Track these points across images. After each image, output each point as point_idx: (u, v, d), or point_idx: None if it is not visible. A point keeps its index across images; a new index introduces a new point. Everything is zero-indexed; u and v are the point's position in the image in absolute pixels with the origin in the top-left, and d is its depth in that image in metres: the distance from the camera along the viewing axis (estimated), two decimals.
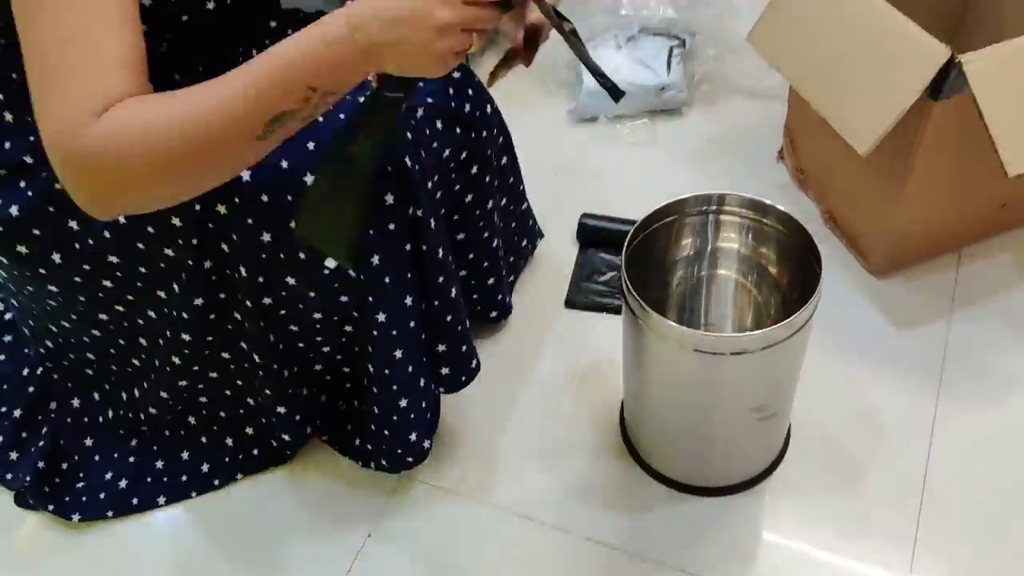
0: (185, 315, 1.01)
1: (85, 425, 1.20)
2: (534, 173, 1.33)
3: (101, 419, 1.21)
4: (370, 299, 0.96)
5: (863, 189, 1.29)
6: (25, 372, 1.24)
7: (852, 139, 1.09)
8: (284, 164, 0.88)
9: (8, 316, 1.31)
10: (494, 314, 1.28)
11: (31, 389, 1.22)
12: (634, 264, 0.97)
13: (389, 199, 0.92)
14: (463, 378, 1.10)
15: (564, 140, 1.61)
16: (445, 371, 1.08)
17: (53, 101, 0.71)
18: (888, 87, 1.06)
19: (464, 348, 1.07)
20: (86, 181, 0.72)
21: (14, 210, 0.95)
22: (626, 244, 0.98)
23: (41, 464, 1.16)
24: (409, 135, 0.94)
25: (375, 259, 0.93)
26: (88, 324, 1.08)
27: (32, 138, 0.92)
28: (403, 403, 1.05)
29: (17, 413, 1.21)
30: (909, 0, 1.14)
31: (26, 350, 1.26)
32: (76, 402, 1.21)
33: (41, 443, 1.18)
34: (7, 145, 0.94)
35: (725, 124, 1.60)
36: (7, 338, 1.30)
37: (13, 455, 1.19)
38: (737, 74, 1.62)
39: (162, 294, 1.01)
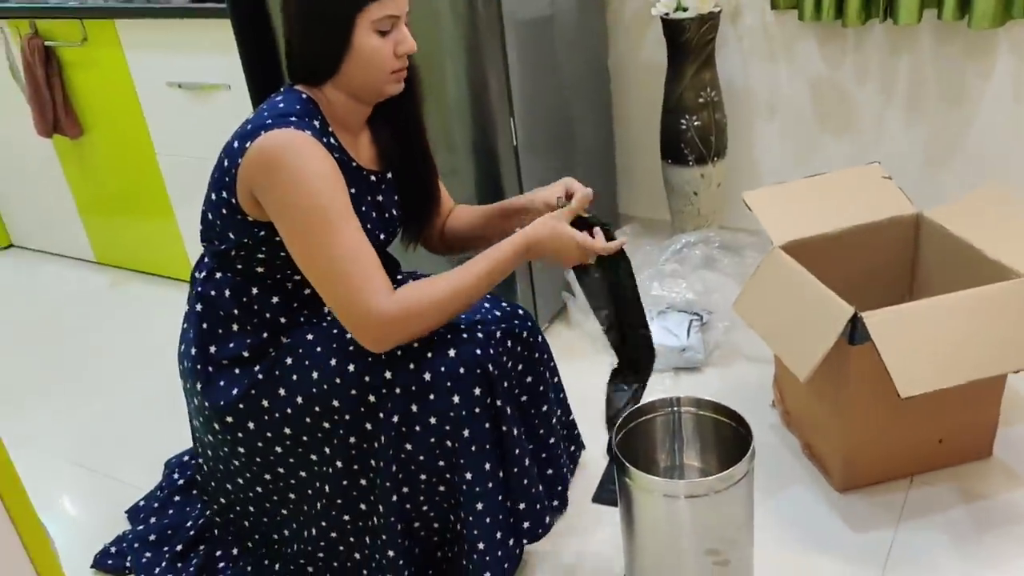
0: (329, 469, 1.43)
1: (231, 568, 1.58)
2: (582, 408, 1.76)
3: (246, 565, 1.58)
4: (461, 461, 1.36)
5: (820, 421, 1.67)
6: (188, 523, 1.67)
7: (796, 372, 1.50)
8: (412, 366, 1.35)
9: (180, 481, 1.76)
10: (556, 503, 1.63)
11: (191, 533, 1.64)
12: (625, 447, 1.37)
13: (477, 391, 1.36)
14: (539, 530, 1.46)
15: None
16: (526, 525, 1.44)
17: (362, 290, 1.27)
18: (817, 334, 1.49)
19: (538, 507, 1.45)
20: (388, 335, 1.29)
21: (234, 391, 1.42)
22: (614, 433, 1.39)
23: None
24: (491, 351, 1.40)
25: (465, 432, 1.35)
26: (255, 482, 1.50)
27: (249, 340, 1.42)
28: (481, 546, 1.40)
29: (178, 548, 1.62)
30: (868, 260, 1.60)
31: (188, 508, 1.69)
32: (233, 550, 1.59)
33: (192, 569, 1.58)
34: (231, 345, 1.44)
35: (733, 380, 2.02)
36: (177, 498, 1.74)
37: None
38: (743, 343, 2.07)
39: (314, 457, 1.43)
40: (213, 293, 1.43)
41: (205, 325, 1.44)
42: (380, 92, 1.38)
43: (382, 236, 1.47)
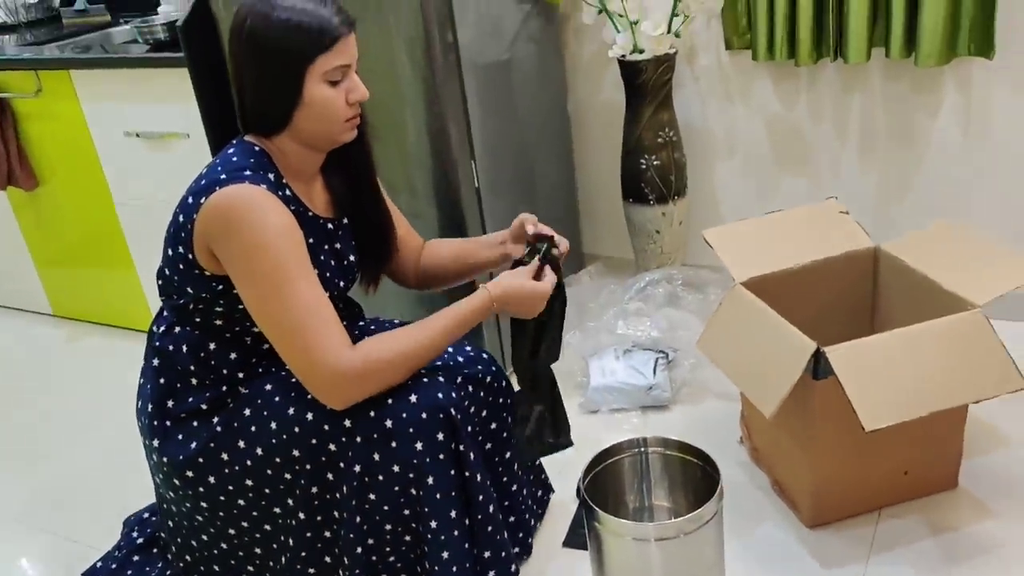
0: (292, 522, 1.40)
1: None
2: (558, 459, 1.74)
3: None
4: (425, 509, 1.34)
5: (788, 456, 1.67)
6: None
7: (762, 408, 1.50)
8: (372, 413, 1.32)
9: (139, 540, 1.71)
10: (516, 550, 1.60)
11: None
12: (593, 490, 1.36)
13: (440, 436, 1.34)
14: None
15: (575, 425, 2.03)
16: (492, 573, 1.41)
17: (321, 347, 1.25)
18: (781, 370, 1.49)
19: (504, 554, 1.42)
20: (348, 391, 1.27)
21: (193, 445, 1.39)
22: (582, 476, 1.37)
23: None
24: (453, 395, 1.38)
25: (430, 480, 1.33)
26: (220, 538, 1.47)
27: (208, 394, 1.40)
28: None
29: None
30: (829, 294, 1.62)
31: (148, 567, 1.64)
32: None
33: None
34: (190, 400, 1.41)
35: (701, 417, 2.02)
36: (136, 558, 1.69)
37: None
38: (710, 380, 2.07)
39: (277, 510, 1.40)
40: (171, 348, 1.41)
41: (162, 380, 1.42)
42: (334, 140, 1.38)
43: (342, 283, 1.46)
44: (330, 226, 1.44)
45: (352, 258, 1.49)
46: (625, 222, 2.43)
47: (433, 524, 1.34)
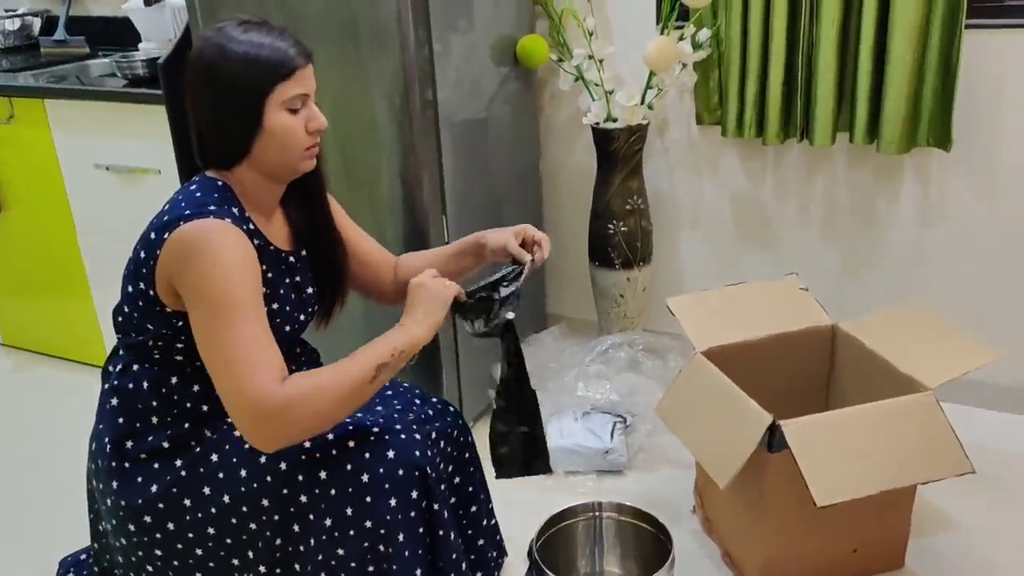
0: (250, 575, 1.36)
1: None
2: (504, 510, 1.71)
3: None
4: (393, 567, 1.30)
5: (739, 528, 1.68)
6: None
7: (716, 478, 1.51)
8: (349, 467, 1.30)
9: None
10: None
11: None
12: (545, 552, 1.35)
13: (414, 494, 1.32)
14: None
15: (530, 486, 2.02)
16: None
17: (249, 379, 1.20)
18: (737, 441, 1.51)
19: None
20: (274, 427, 1.20)
21: (153, 488, 1.35)
22: (535, 539, 1.36)
23: None
24: (428, 453, 1.36)
25: (400, 536, 1.31)
26: None
27: (170, 431, 1.36)
28: None
29: None
30: (787, 368, 1.65)
31: None
32: None
33: None
34: (150, 439, 1.37)
35: (656, 484, 2.02)
36: None
37: None
38: (666, 446, 2.08)
39: (236, 561, 1.36)
40: (131, 386, 1.38)
41: (121, 420, 1.38)
42: (295, 170, 1.37)
43: (302, 316, 1.45)
44: (291, 259, 1.44)
45: (311, 290, 1.48)
46: (590, 284, 2.46)
47: None
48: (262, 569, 1.34)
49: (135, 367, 1.38)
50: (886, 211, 2.23)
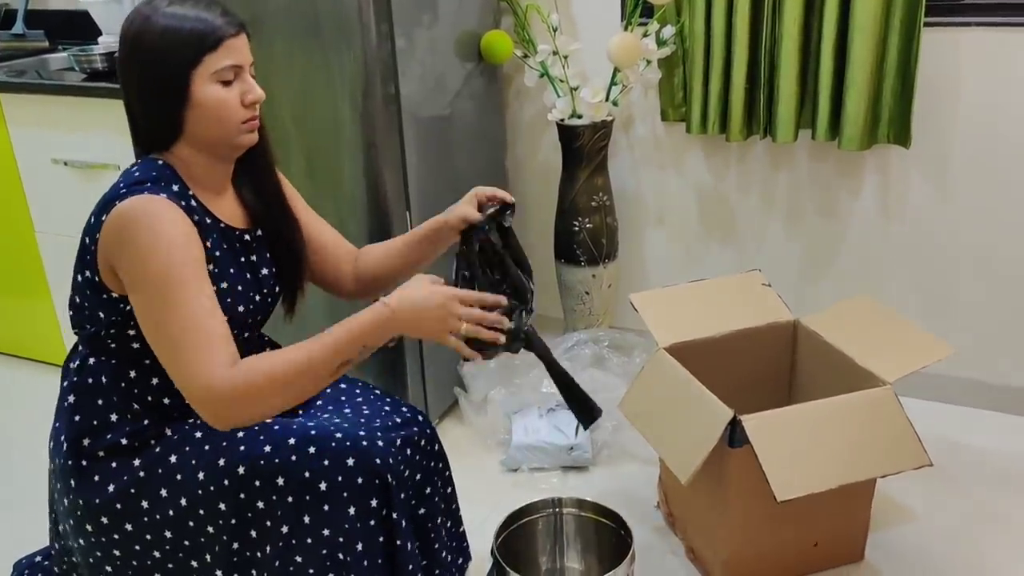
0: None
1: None
2: (468, 506, 1.71)
3: None
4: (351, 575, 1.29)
5: (702, 523, 1.69)
6: None
7: (678, 473, 1.52)
8: (307, 474, 1.27)
9: None
10: None
11: None
12: (506, 549, 1.35)
13: (373, 503, 1.30)
14: None
15: (494, 483, 2.03)
16: None
17: (198, 361, 1.18)
18: (698, 436, 1.51)
19: None
20: (228, 409, 1.19)
21: (111, 488, 1.32)
22: (496, 536, 1.36)
23: None
24: (391, 460, 1.34)
25: (359, 546, 1.29)
26: None
27: (128, 428, 1.33)
28: None
29: None
30: (749, 364, 1.66)
31: None
32: None
33: None
34: (108, 436, 1.34)
35: (620, 480, 2.03)
36: None
37: None
38: (631, 443, 2.08)
39: (194, 564, 1.34)
40: (89, 381, 1.35)
41: (78, 417, 1.35)
42: (234, 145, 1.34)
43: (256, 297, 1.41)
44: (246, 237, 1.40)
45: (266, 271, 1.44)
46: (556, 281, 2.46)
47: None
48: (219, 573, 1.32)
49: (92, 360, 1.36)
50: (847, 206, 2.25)
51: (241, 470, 1.28)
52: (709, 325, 1.81)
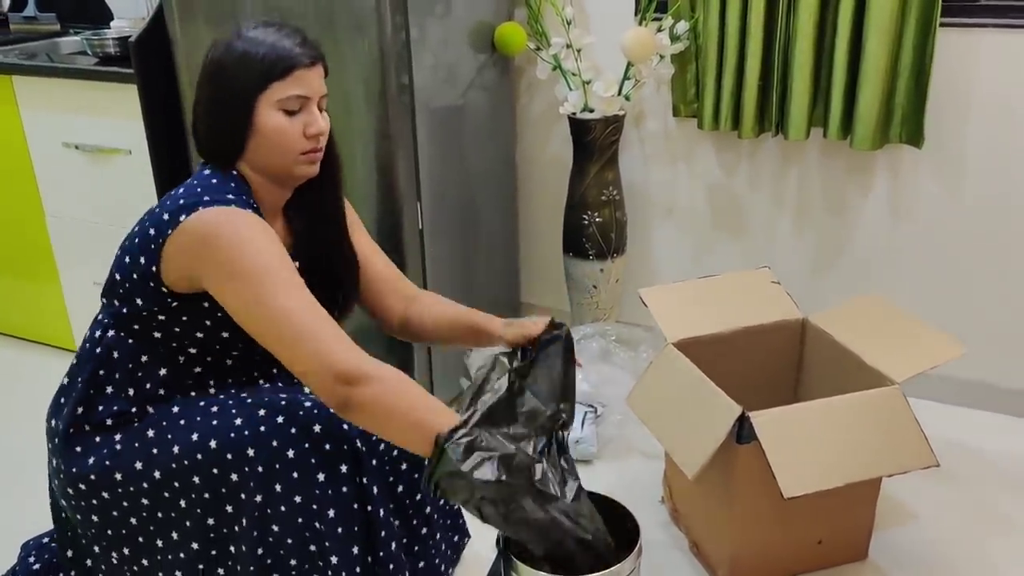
0: (182, 554, 1.35)
1: None
2: None
3: None
4: (326, 544, 1.31)
5: (707, 519, 1.69)
6: None
7: (685, 468, 1.52)
8: (275, 443, 1.28)
9: (36, 566, 1.62)
10: None
11: None
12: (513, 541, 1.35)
13: (343, 468, 1.32)
14: None
15: None
16: None
17: (331, 350, 1.18)
18: (706, 432, 1.52)
19: None
20: (362, 396, 1.17)
21: (91, 460, 1.34)
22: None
23: None
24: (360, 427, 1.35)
25: (331, 512, 1.31)
26: (111, 551, 1.40)
27: (116, 407, 1.35)
28: None
29: None
30: (757, 360, 1.67)
31: None
32: None
33: None
34: (100, 408, 1.37)
35: (625, 474, 2.03)
36: None
37: None
38: (636, 437, 2.09)
39: (175, 535, 1.36)
40: (98, 351, 1.37)
41: (80, 380, 1.37)
42: (290, 174, 1.36)
43: None
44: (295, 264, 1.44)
45: None
46: (564, 275, 2.46)
47: (334, 560, 1.31)
48: (195, 546, 1.34)
49: (111, 333, 1.37)
50: (858, 205, 2.25)
51: (213, 444, 1.30)
52: (717, 321, 1.81)
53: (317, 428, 1.31)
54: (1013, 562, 1.72)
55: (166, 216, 1.29)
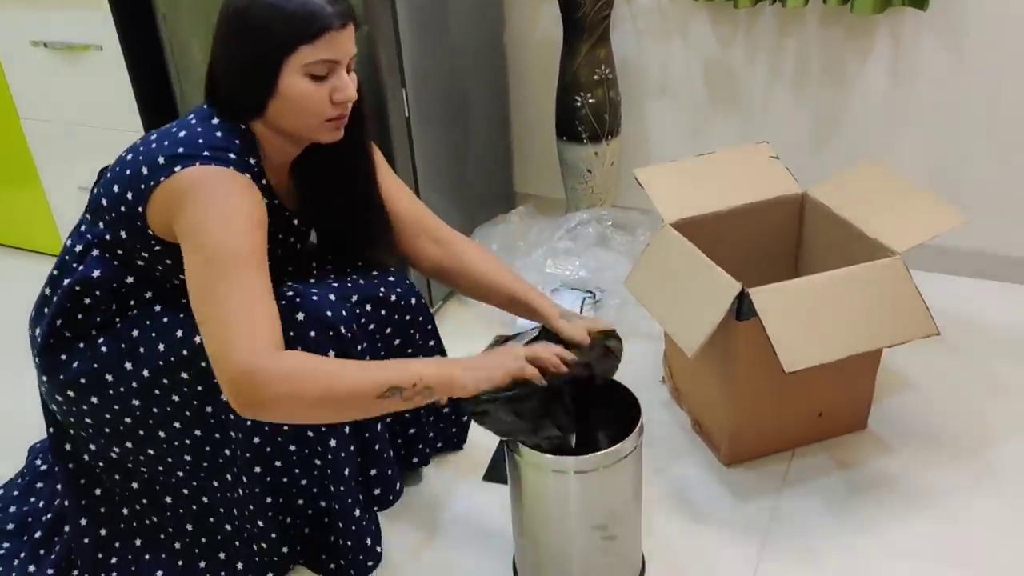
0: (187, 440, 1.36)
1: (98, 539, 1.47)
2: None
3: (107, 531, 1.47)
4: (323, 428, 1.33)
5: (708, 396, 1.70)
6: (42, 504, 1.56)
7: (684, 347, 1.51)
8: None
9: (43, 467, 1.64)
10: (415, 460, 1.62)
11: (49, 515, 1.54)
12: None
13: (331, 355, 1.30)
14: (391, 497, 1.43)
15: None
16: (377, 491, 1.41)
17: (242, 336, 1.12)
18: (705, 310, 1.50)
19: (390, 472, 1.42)
20: (258, 392, 1.11)
21: (75, 364, 1.33)
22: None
23: (51, 571, 1.45)
24: (344, 312, 1.34)
25: None
26: (108, 450, 1.41)
27: (100, 319, 1.32)
28: (357, 513, 1.39)
29: (37, 535, 1.52)
30: (756, 237, 1.67)
31: (52, 494, 1.58)
32: (101, 531, 1.47)
33: (53, 556, 1.48)
34: (80, 317, 1.34)
35: (626, 356, 1.99)
36: (39, 485, 1.63)
37: (31, 568, 1.49)
38: (636, 320, 2.08)
39: (173, 427, 1.36)
40: (82, 268, 1.33)
41: (60, 291, 1.35)
42: (312, 138, 1.29)
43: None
44: (295, 221, 1.40)
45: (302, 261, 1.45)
46: (558, 160, 2.40)
47: (332, 443, 1.33)
48: (197, 433, 1.35)
49: (95, 252, 1.33)
50: (858, 73, 2.18)
51: (198, 340, 1.28)
52: (715, 199, 1.77)
53: (300, 316, 1.30)
54: (1009, 427, 1.73)
55: (161, 159, 1.21)
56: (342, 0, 1.22)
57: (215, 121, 1.25)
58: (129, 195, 1.25)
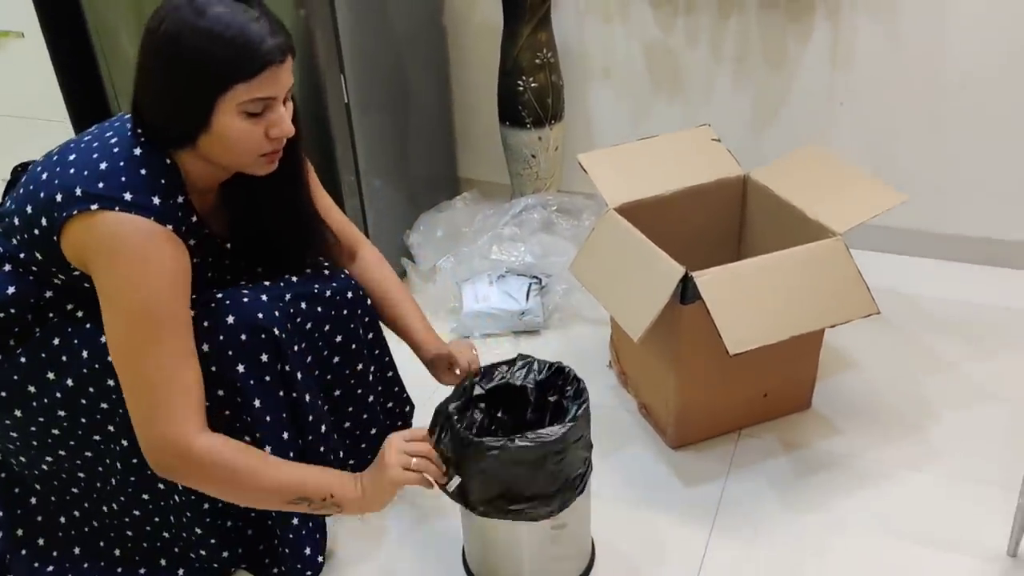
0: (116, 447, 1.31)
1: (36, 549, 1.42)
2: (420, 380, 1.64)
3: (45, 540, 1.42)
4: (257, 435, 1.29)
5: (654, 380, 1.70)
6: None
7: (630, 332, 1.51)
8: (205, 348, 1.24)
9: None
10: (363, 446, 1.57)
11: None
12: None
13: (264, 358, 1.27)
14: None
15: None
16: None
17: (172, 412, 1.14)
18: (650, 294, 1.50)
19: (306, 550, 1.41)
20: (178, 468, 1.17)
21: None
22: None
23: None
24: (277, 313, 1.30)
25: (256, 403, 1.27)
26: (39, 461, 1.36)
27: (17, 329, 1.25)
28: (295, 521, 1.37)
29: None
30: (699, 220, 1.67)
31: None
32: (39, 540, 1.42)
33: None
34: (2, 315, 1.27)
35: (571, 342, 2.03)
36: None
37: None
38: (582, 305, 2.08)
39: (96, 438, 1.31)
40: None
41: None
42: (245, 171, 1.23)
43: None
44: (228, 245, 1.35)
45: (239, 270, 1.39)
46: (501, 145, 2.38)
47: (268, 449, 1.29)
48: (124, 443, 1.30)
49: (7, 267, 1.25)
50: (797, 55, 2.19)
51: None
52: (659, 183, 1.77)
53: (231, 319, 1.25)
54: (946, 400, 1.77)
55: (79, 191, 1.13)
56: (281, 30, 1.14)
57: (137, 152, 1.17)
58: (43, 220, 1.17)
